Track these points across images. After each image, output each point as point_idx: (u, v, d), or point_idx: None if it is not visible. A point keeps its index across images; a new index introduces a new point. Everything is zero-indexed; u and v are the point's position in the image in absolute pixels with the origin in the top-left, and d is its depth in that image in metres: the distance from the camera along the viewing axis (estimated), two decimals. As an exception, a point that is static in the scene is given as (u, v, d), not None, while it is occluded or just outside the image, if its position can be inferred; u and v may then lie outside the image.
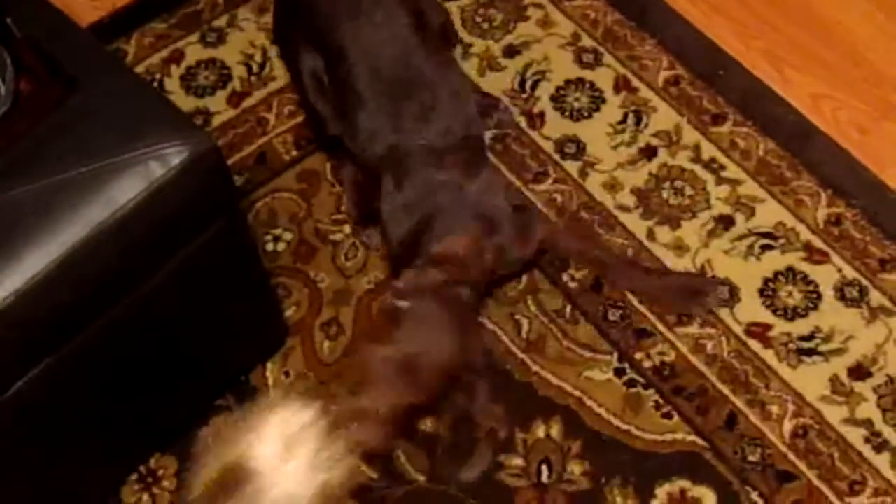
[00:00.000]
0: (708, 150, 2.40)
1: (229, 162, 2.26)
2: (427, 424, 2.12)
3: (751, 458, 2.06)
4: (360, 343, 2.10)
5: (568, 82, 2.52)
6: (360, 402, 1.76)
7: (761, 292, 2.23)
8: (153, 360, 1.92)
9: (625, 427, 2.10)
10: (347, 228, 2.33)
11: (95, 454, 1.95)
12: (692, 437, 2.08)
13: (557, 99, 2.50)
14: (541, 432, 2.11)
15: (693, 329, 2.19)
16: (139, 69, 2.53)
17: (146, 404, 1.96)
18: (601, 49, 2.56)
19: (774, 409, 2.10)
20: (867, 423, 2.08)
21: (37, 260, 1.60)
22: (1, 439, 1.75)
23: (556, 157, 2.41)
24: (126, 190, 1.64)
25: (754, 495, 2.02)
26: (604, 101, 2.49)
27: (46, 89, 1.73)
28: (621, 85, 2.51)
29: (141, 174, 1.64)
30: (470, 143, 2.13)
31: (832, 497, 2.02)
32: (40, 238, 1.61)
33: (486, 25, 2.61)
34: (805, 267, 2.25)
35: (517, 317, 2.22)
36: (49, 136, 1.67)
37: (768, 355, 2.16)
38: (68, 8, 1.86)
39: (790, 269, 2.25)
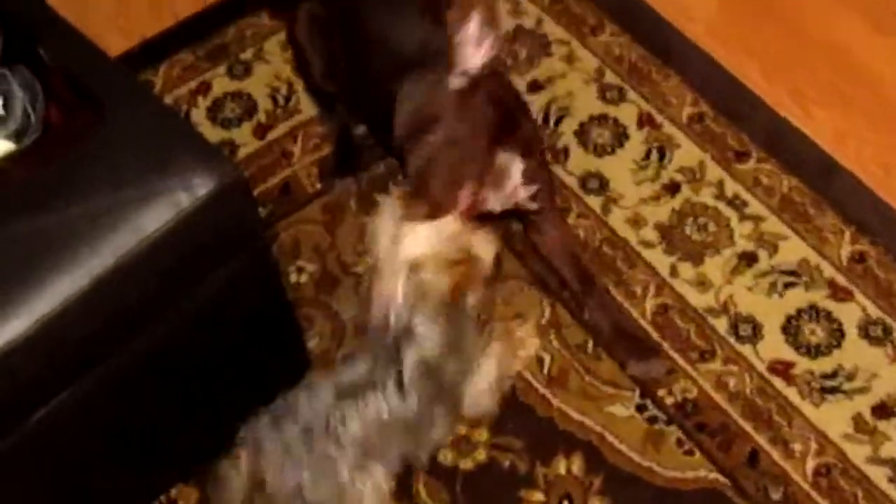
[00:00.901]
0: (731, 187, 2.41)
1: (254, 193, 2.27)
2: (447, 458, 2.11)
3: (773, 496, 2.04)
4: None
5: (591, 118, 2.53)
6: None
7: (784, 329, 2.22)
8: (175, 390, 1.92)
9: (646, 463, 2.09)
10: (371, 260, 2.33)
11: (117, 483, 1.95)
12: (714, 475, 2.07)
13: (581, 134, 2.50)
14: (562, 468, 2.10)
15: (716, 366, 2.19)
16: (166, 100, 2.54)
17: (168, 434, 1.96)
18: (625, 85, 2.57)
19: (797, 446, 2.09)
20: (891, 463, 2.07)
21: (63, 287, 1.60)
22: (22, 467, 1.75)
23: (580, 192, 2.42)
24: (153, 219, 1.64)
25: (776, 534, 2.02)
26: (627, 136, 2.50)
27: (76, 118, 1.75)
28: (645, 121, 2.52)
29: (169, 204, 1.65)
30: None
31: (855, 536, 2.01)
32: (67, 266, 1.61)
33: (510, 61, 2.62)
34: (829, 304, 2.25)
35: (539, 352, 2.22)
36: (78, 165, 1.68)
37: (791, 393, 2.15)
38: (98, 38, 1.87)
39: (813, 306, 2.25)
